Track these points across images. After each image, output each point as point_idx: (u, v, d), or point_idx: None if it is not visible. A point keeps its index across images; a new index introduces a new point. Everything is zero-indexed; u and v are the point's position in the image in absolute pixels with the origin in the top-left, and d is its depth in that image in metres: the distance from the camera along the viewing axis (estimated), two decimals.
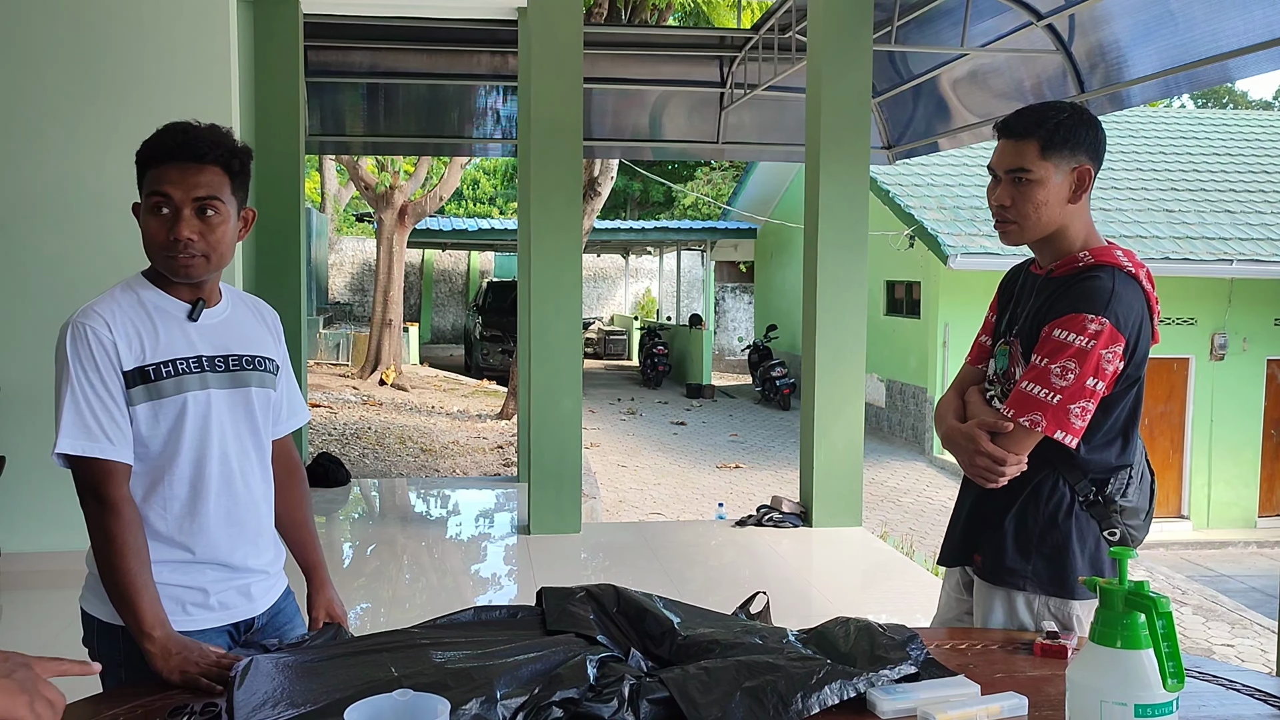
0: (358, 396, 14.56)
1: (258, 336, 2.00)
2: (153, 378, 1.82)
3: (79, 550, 1.90)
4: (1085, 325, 1.95)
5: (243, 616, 1.94)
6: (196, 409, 1.86)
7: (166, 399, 1.83)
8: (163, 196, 1.83)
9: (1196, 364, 13.15)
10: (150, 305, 1.88)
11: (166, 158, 1.84)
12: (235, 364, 1.93)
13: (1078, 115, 2.05)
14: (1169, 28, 6.23)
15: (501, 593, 5.43)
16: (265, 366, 1.98)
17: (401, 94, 9.96)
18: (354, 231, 27.60)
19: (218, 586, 1.90)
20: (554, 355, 6.03)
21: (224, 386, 1.90)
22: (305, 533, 2.12)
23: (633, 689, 1.56)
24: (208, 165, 1.85)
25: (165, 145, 1.85)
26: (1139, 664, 1.35)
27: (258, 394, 1.96)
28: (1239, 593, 9.85)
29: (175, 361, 1.85)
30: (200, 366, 1.88)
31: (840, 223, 6.23)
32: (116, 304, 1.86)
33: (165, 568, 1.82)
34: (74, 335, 1.81)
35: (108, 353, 1.80)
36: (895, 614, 4.96)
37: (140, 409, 1.82)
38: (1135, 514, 2.08)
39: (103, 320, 1.81)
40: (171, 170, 1.83)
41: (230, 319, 1.97)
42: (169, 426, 1.84)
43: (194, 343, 1.89)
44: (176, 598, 1.85)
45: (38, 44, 5.13)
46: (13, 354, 5.14)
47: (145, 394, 1.82)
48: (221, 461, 1.89)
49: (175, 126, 1.87)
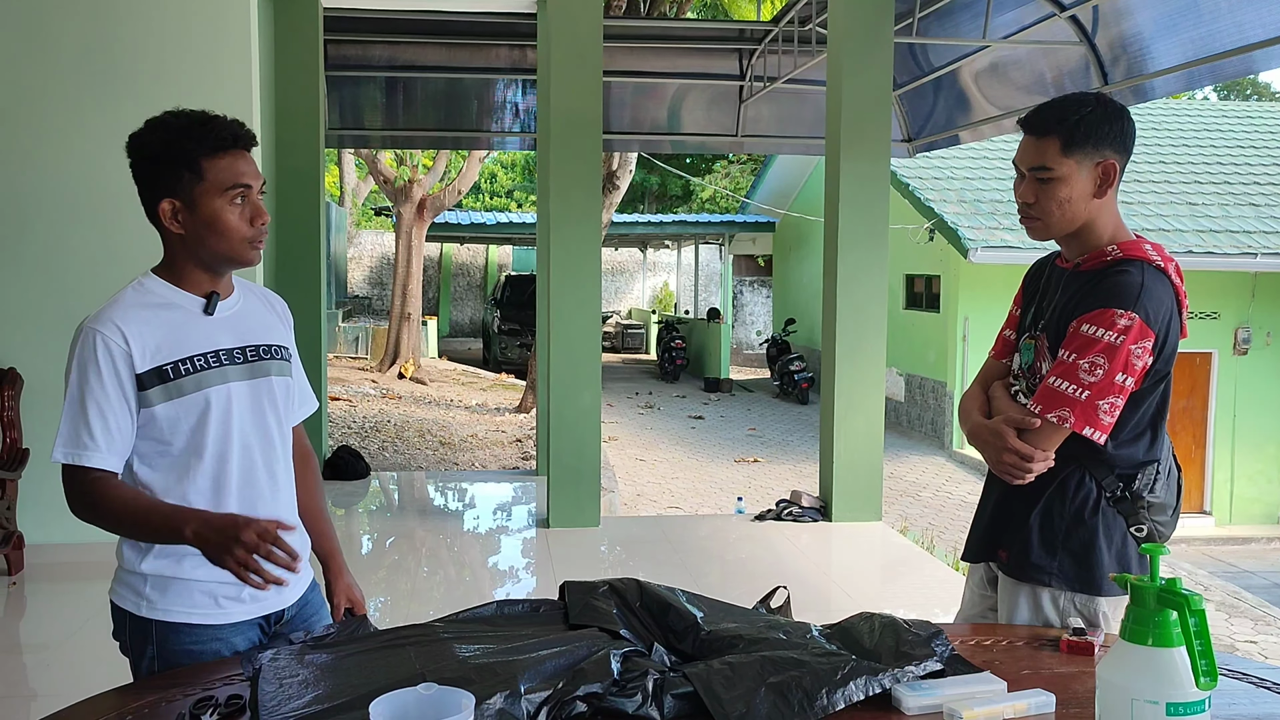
0: (377, 390, 14.61)
1: (271, 325, 2.00)
2: (171, 376, 1.81)
3: (103, 542, 1.91)
4: (1115, 320, 1.93)
5: (273, 608, 1.93)
6: (218, 404, 1.85)
7: (187, 396, 1.82)
8: (245, 188, 1.83)
9: (1220, 358, 13.04)
10: (165, 303, 1.86)
11: (232, 144, 1.83)
12: (254, 354, 1.92)
13: (1102, 109, 2.01)
14: (1192, 19, 6.17)
15: (520, 586, 5.44)
16: (281, 355, 1.98)
17: (420, 88, 9.97)
18: (373, 225, 27.70)
19: None
20: (573, 349, 6.03)
21: (244, 378, 1.89)
22: (320, 521, 2.12)
23: (657, 684, 1.55)
24: (250, 150, 1.87)
25: (228, 134, 1.82)
26: (1171, 662, 1.34)
27: (277, 383, 1.95)
28: (1262, 589, 9.77)
29: (194, 358, 1.83)
30: (219, 361, 1.86)
31: (861, 216, 6.20)
32: (130, 306, 1.83)
33: (195, 562, 1.80)
34: (82, 342, 1.80)
35: (114, 359, 1.78)
36: (915, 609, 4.94)
37: (159, 409, 1.81)
38: (1163, 510, 2.05)
39: (115, 326, 1.79)
40: (239, 160, 1.83)
41: (243, 310, 1.96)
42: (191, 424, 1.83)
43: (212, 337, 1.87)
44: (208, 591, 1.85)
45: (58, 41, 5.16)
46: (37, 348, 5.18)
47: (164, 394, 1.80)
48: (243, 454, 1.88)
49: (208, 117, 1.84)
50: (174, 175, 1.82)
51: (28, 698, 3.71)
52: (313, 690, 1.52)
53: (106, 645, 1.93)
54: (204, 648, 1.83)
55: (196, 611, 1.84)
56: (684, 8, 12.37)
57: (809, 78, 8.73)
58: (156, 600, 1.83)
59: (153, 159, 1.84)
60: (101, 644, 2.02)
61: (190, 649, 1.83)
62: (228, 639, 1.85)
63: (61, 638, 4.17)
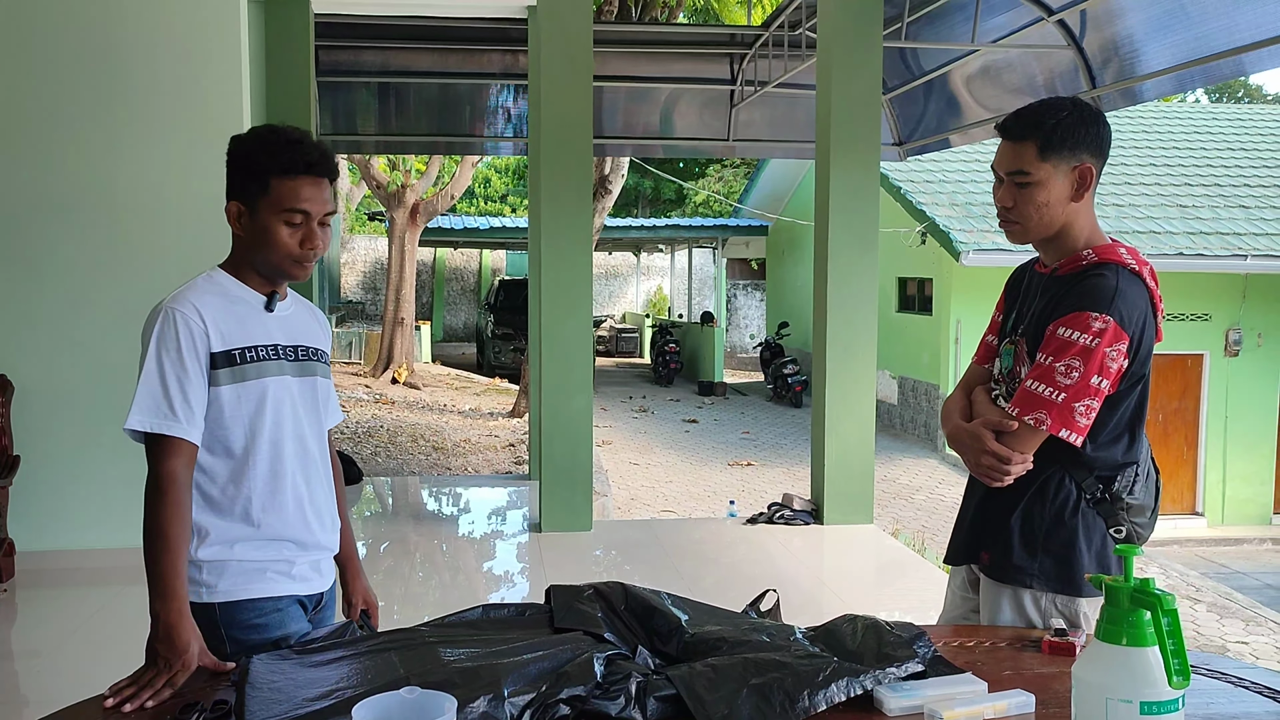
0: (370, 395, 14.61)
1: (315, 331, 2.14)
2: (237, 361, 1.93)
3: (94, 549, 1.94)
4: (1089, 323, 1.95)
5: (315, 590, 2.05)
6: (275, 393, 1.97)
7: (249, 382, 1.95)
8: (303, 214, 1.93)
9: (1211, 360, 13.07)
10: (232, 294, 1.99)
11: (304, 171, 1.93)
12: (304, 354, 2.06)
13: (1077, 113, 2.03)
14: (1182, 22, 6.19)
15: (513, 590, 5.44)
16: (323, 359, 2.12)
17: (413, 93, 9.98)
18: (366, 230, 27.66)
19: (297, 559, 2.01)
20: (566, 353, 6.04)
21: (296, 374, 2.03)
22: (343, 526, 2.21)
23: (640, 686, 1.56)
24: (328, 180, 1.96)
25: (302, 160, 1.92)
26: (1145, 661, 1.35)
27: (321, 383, 2.10)
28: (1253, 589, 9.81)
29: (257, 348, 1.97)
30: (277, 354, 2.00)
31: (851, 219, 6.22)
32: (205, 292, 1.96)
33: (246, 547, 1.93)
34: (164, 319, 1.90)
35: (194, 337, 1.89)
36: (907, 611, 4.96)
37: (225, 390, 1.92)
38: (1141, 511, 2.07)
39: (194, 307, 1.91)
40: (306, 186, 1.93)
41: (295, 314, 2.10)
42: (252, 409, 1.95)
43: (271, 331, 2.01)
44: (260, 568, 1.95)
45: (49, 47, 5.16)
46: (28, 354, 5.18)
47: (230, 376, 1.93)
48: (296, 442, 2.01)
49: (297, 139, 1.94)
50: (245, 183, 1.96)
51: (19, 705, 3.71)
52: (297, 694, 1.53)
53: (98, 651, 1.95)
54: (267, 619, 1.94)
55: (253, 586, 1.94)
56: (675, 13, 12.41)
57: (800, 82, 8.75)
58: (216, 583, 1.92)
59: (234, 163, 1.98)
60: (93, 650, 2.03)
61: (255, 623, 1.93)
62: (286, 609, 1.97)
63: (53, 645, 4.16)
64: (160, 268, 4.97)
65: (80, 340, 5.20)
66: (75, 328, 5.21)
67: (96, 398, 5.16)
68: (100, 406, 5.10)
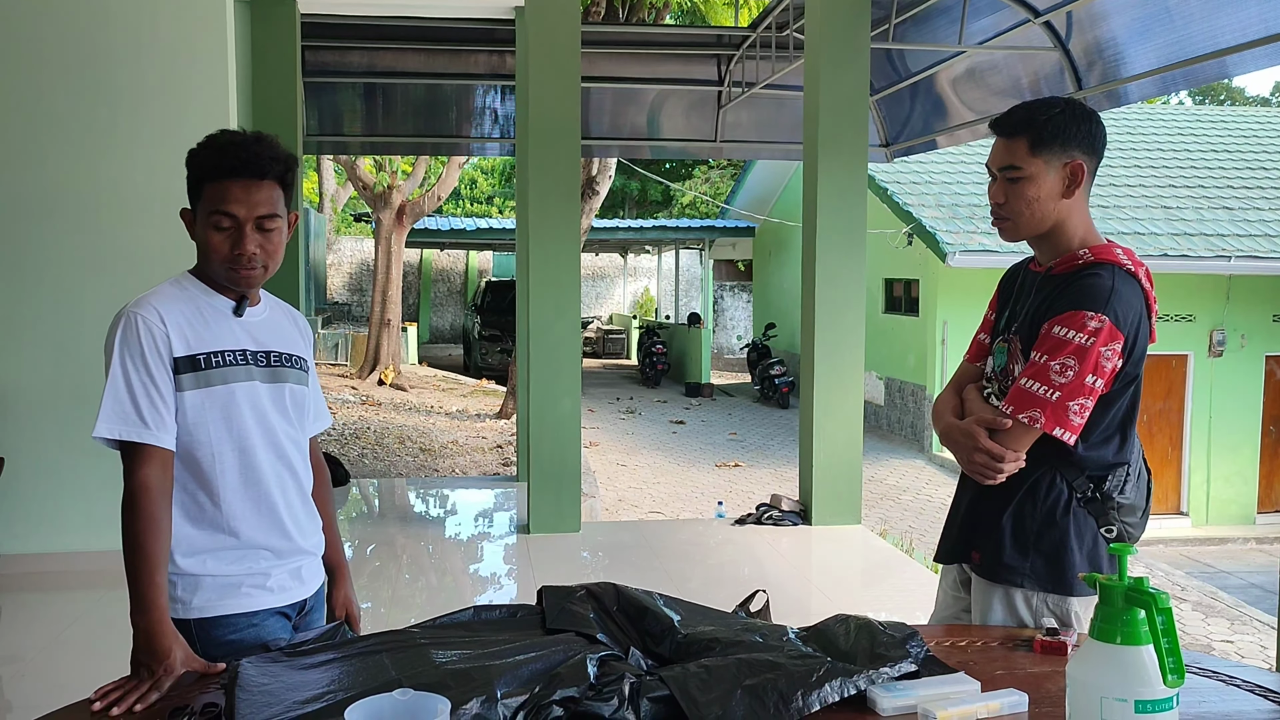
0: (356, 396, 14.56)
1: (293, 339, 2.09)
2: (202, 366, 1.90)
3: (78, 552, 1.92)
4: (1085, 322, 1.95)
5: (296, 599, 2.02)
6: (243, 398, 1.94)
7: (215, 387, 1.91)
8: (228, 216, 1.89)
9: (1195, 361, 13.15)
10: (199, 300, 1.96)
11: (229, 174, 1.89)
12: (276, 360, 2.02)
13: (1070, 110, 2.05)
14: (1166, 24, 6.23)
15: (501, 592, 5.43)
16: (299, 365, 2.08)
17: (399, 94, 9.95)
18: (352, 231, 27.59)
19: (274, 570, 1.98)
20: (553, 354, 6.03)
21: (266, 380, 1.99)
22: (330, 532, 2.19)
23: (633, 687, 1.56)
24: (267, 181, 1.91)
25: (227, 163, 1.89)
26: (1139, 660, 1.35)
27: (293, 390, 2.05)
28: (1238, 589, 9.86)
29: (223, 353, 1.93)
30: (245, 360, 1.96)
31: (838, 221, 6.23)
32: (168, 297, 1.93)
33: (222, 556, 1.90)
34: (125, 324, 1.88)
35: (156, 341, 1.87)
36: (895, 612, 4.96)
37: (189, 395, 1.89)
38: (1132, 511, 2.08)
39: (155, 311, 1.89)
40: (234, 188, 1.88)
41: (269, 319, 2.05)
42: (218, 414, 1.91)
43: (239, 337, 1.97)
44: (234, 583, 1.92)
45: (35, 47, 5.12)
46: (12, 356, 5.14)
47: (194, 381, 1.89)
48: (269, 449, 1.98)
49: (231, 141, 1.91)
50: (190, 189, 1.95)
51: (3, 710, 3.68)
52: (289, 696, 1.52)
53: (82, 656, 1.93)
54: (242, 635, 1.91)
55: (227, 602, 1.91)
56: (662, 14, 12.41)
57: (787, 83, 8.76)
58: (190, 600, 1.90)
59: (188, 169, 1.94)
60: (78, 654, 2.01)
61: (230, 639, 1.89)
62: (263, 623, 1.93)
63: (37, 649, 4.13)
64: (145, 270, 4.92)
65: (64, 343, 5.16)
66: (59, 330, 5.17)
67: (80, 400, 5.10)
68: (85, 409, 4.99)
